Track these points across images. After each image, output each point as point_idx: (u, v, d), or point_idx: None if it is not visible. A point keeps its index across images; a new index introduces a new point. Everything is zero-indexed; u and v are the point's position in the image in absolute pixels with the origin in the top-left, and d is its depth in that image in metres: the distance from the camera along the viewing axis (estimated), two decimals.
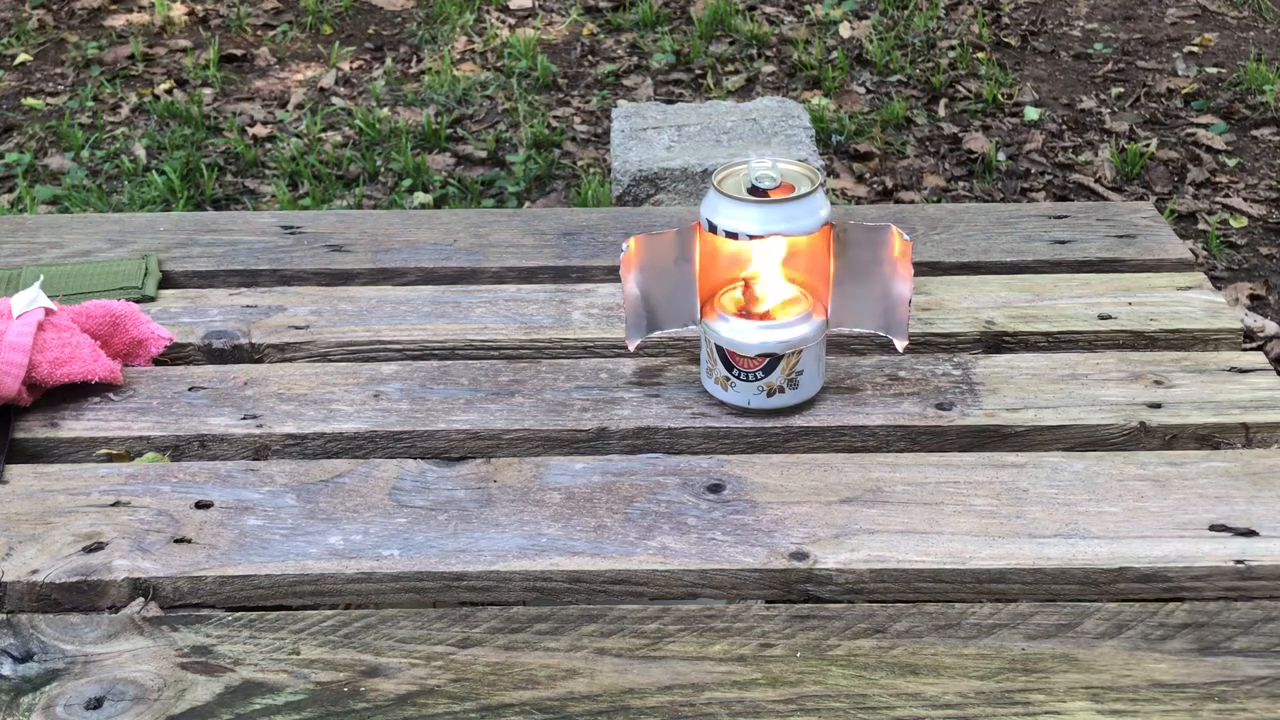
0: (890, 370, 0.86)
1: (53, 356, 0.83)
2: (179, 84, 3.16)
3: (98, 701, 0.61)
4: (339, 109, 3.00)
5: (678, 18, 3.44)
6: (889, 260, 0.80)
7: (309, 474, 0.77)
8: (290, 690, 0.62)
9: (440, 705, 0.61)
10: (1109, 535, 0.71)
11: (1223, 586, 0.68)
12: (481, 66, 3.19)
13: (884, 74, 3.12)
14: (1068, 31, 3.31)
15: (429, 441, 0.81)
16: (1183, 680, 0.62)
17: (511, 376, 0.87)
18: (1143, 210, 1.09)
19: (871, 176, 2.68)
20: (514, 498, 0.75)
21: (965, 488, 0.75)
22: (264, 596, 0.69)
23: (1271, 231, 2.47)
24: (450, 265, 1.02)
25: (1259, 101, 2.94)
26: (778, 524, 0.72)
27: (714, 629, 0.65)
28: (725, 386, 0.81)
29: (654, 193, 2.30)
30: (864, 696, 0.61)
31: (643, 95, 3.03)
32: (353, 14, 3.51)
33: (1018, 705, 0.60)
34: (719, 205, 0.79)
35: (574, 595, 0.69)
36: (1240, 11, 3.42)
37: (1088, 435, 0.81)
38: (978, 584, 0.69)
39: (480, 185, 2.65)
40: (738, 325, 0.81)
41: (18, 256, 1.03)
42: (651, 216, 1.15)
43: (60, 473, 0.77)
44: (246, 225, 1.09)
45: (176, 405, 0.84)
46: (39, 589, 0.68)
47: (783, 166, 0.81)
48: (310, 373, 0.87)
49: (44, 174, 2.75)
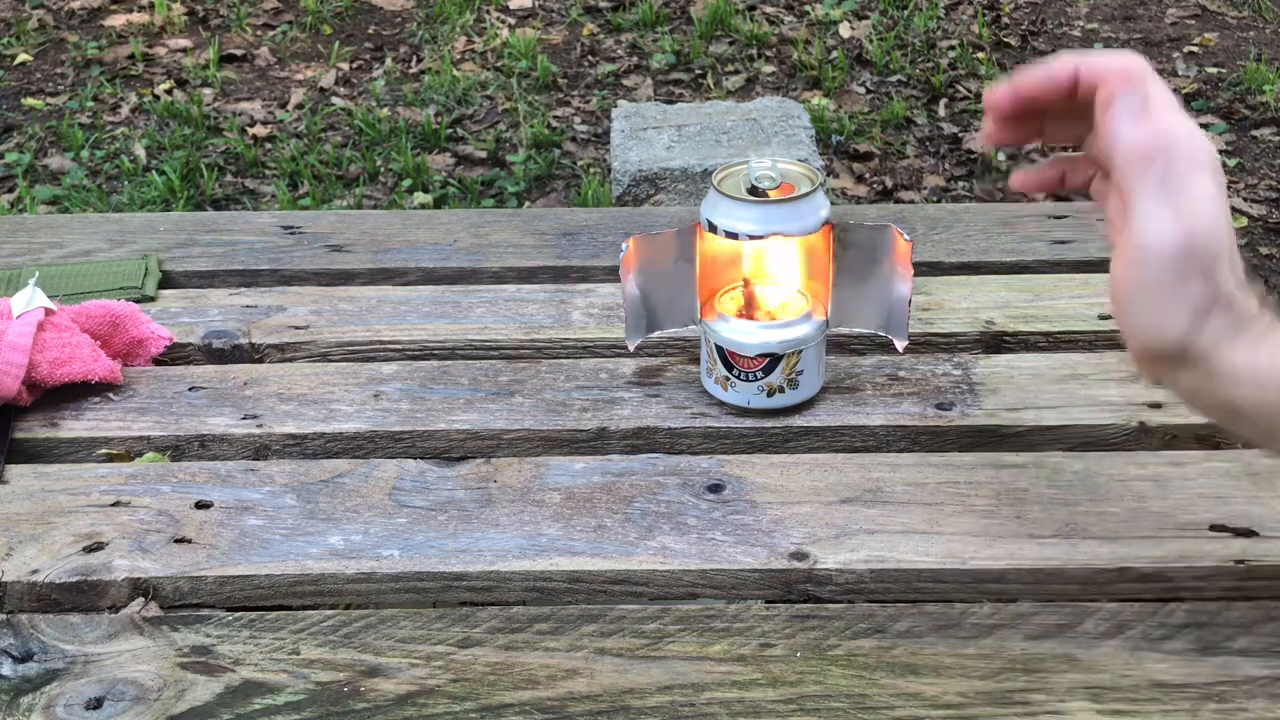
0: (890, 370, 0.86)
1: (53, 356, 0.83)
2: (179, 84, 3.16)
3: (98, 701, 0.61)
4: (339, 109, 3.00)
5: (678, 18, 3.44)
6: (889, 260, 0.80)
7: (309, 474, 0.77)
8: (290, 690, 0.62)
9: (440, 705, 0.61)
10: (1109, 535, 0.71)
11: (1223, 586, 0.68)
12: (481, 66, 3.19)
13: (884, 74, 3.12)
14: (1068, 31, 3.30)
15: (429, 441, 0.81)
16: (1183, 680, 0.62)
17: (511, 376, 0.87)
18: None
19: (871, 176, 2.68)
20: (514, 498, 0.75)
21: (965, 488, 0.75)
22: (264, 596, 0.69)
23: (1271, 231, 2.46)
24: (450, 265, 1.02)
25: (1259, 101, 2.94)
26: (778, 524, 0.72)
27: (714, 629, 0.65)
28: (725, 386, 0.81)
29: (654, 193, 2.30)
30: (864, 696, 0.61)
31: (643, 95, 3.03)
32: (353, 14, 3.51)
33: (1018, 705, 0.60)
34: (719, 205, 0.79)
35: (574, 595, 0.69)
36: (1240, 11, 3.42)
37: (1088, 435, 0.81)
38: (978, 584, 0.69)
39: (480, 185, 2.65)
40: (738, 325, 0.81)
41: (18, 256, 1.03)
42: (651, 216, 1.15)
43: (60, 473, 0.77)
44: (246, 225, 1.09)
45: (176, 405, 0.84)
46: (39, 589, 0.68)
47: (783, 167, 0.81)
48: (310, 373, 0.87)
49: (44, 174, 2.75)
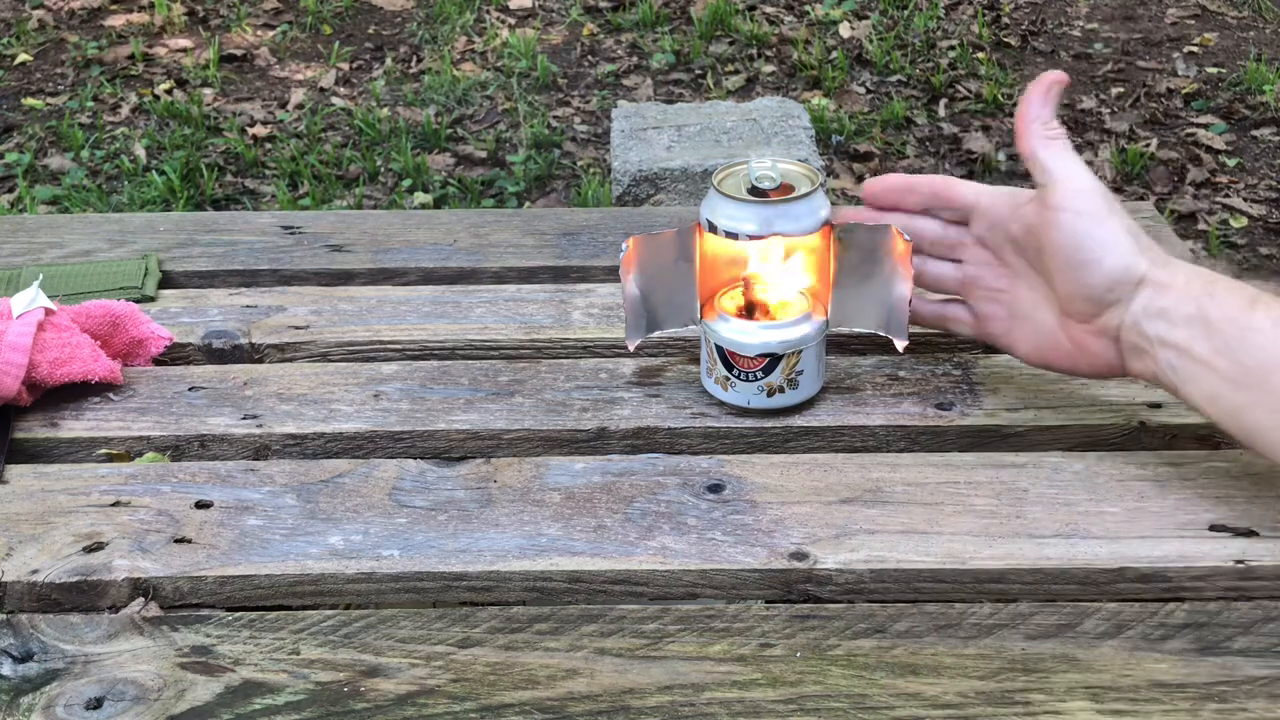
0: (890, 370, 0.86)
1: (53, 356, 0.83)
2: (179, 84, 3.16)
3: (98, 701, 0.61)
4: (339, 109, 3.00)
5: (678, 18, 3.44)
6: (889, 260, 0.80)
7: (309, 474, 0.77)
8: (290, 690, 0.62)
9: (440, 705, 0.61)
10: (1109, 535, 0.71)
11: (1223, 586, 0.68)
12: (481, 66, 3.19)
13: (884, 74, 3.12)
14: (1068, 31, 3.30)
15: (429, 441, 0.81)
16: (1183, 680, 0.62)
17: (511, 376, 0.87)
18: (1143, 210, 1.09)
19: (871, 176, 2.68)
20: (514, 498, 0.75)
21: (965, 488, 0.75)
22: (264, 596, 0.69)
23: (1271, 231, 2.47)
24: (450, 265, 1.02)
25: (1259, 101, 2.94)
26: (778, 524, 0.72)
27: (714, 629, 0.65)
28: (725, 386, 0.81)
29: (654, 193, 2.30)
30: (864, 696, 0.61)
31: (643, 95, 3.03)
32: (353, 14, 3.51)
33: (1018, 705, 0.60)
34: (719, 205, 0.79)
35: (574, 595, 0.69)
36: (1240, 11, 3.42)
37: (1088, 435, 0.81)
38: (978, 584, 0.69)
39: (480, 185, 2.65)
40: (738, 325, 0.81)
41: (18, 256, 1.03)
42: (651, 216, 1.15)
43: (60, 473, 0.77)
44: (246, 225, 1.09)
45: (176, 405, 0.84)
46: (39, 589, 0.68)
47: (782, 167, 0.81)
48: (310, 373, 0.88)
49: (44, 174, 2.75)
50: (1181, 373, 0.70)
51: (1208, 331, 0.68)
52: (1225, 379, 0.68)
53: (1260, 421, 0.67)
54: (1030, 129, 0.75)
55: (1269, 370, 0.66)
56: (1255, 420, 0.67)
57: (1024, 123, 0.76)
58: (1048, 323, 0.77)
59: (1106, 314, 0.73)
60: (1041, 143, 0.75)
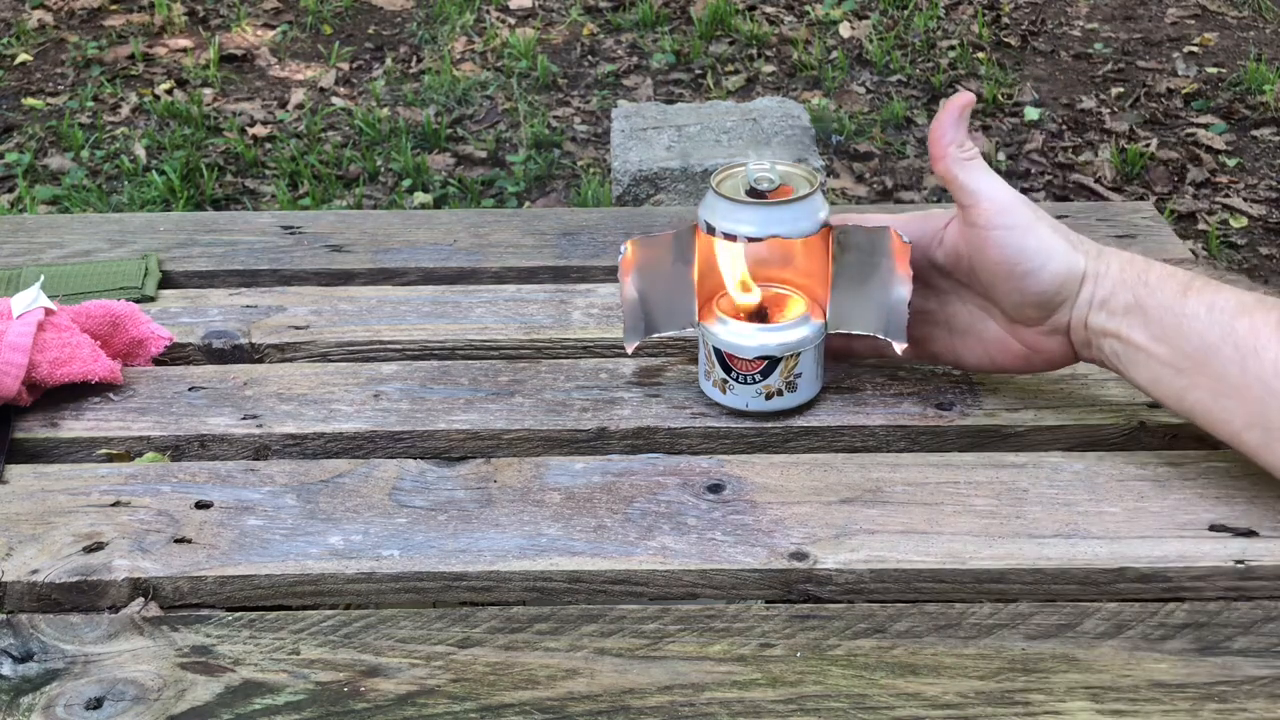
0: (890, 370, 0.86)
1: (53, 356, 0.83)
2: (179, 84, 3.16)
3: (98, 701, 0.61)
4: (339, 109, 3.00)
5: (678, 18, 3.44)
6: (888, 262, 0.80)
7: (309, 474, 0.77)
8: (290, 690, 0.62)
9: (440, 705, 0.61)
10: (1109, 535, 0.71)
11: (1223, 586, 0.69)
12: (481, 66, 3.19)
13: (884, 74, 3.12)
14: (1068, 31, 3.30)
15: (429, 441, 0.81)
16: (1183, 680, 0.62)
17: (511, 376, 0.87)
18: (1143, 210, 1.09)
19: (871, 176, 2.68)
20: (514, 498, 0.75)
21: (965, 488, 0.75)
22: (264, 596, 0.69)
23: (1271, 231, 2.47)
24: (450, 265, 1.02)
25: (1259, 101, 2.95)
26: (778, 524, 0.72)
27: (714, 629, 0.65)
28: (723, 389, 0.81)
29: (654, 193, 2.30)
30: (864, 696, 0.61)
31: (643, 95, 3.03)
32: (353, 14, 3.51)
33: (1018, 705, 0.60)
34: (717, 207, 0.78)
35: (574, 595, 0.69)
36: (1240, 11, 3.42)
37: (1088, 435, 0.81)
38: (978, 584, 0.69)
39: (480, 185, 2.65)
40: (736, 328, 0.81)
41: (18, 256, 1.03)
42: (651, 216, 1.15)
43: (60, 473, 0.77)
44: (246, 225, 1.09)
45: (176, 405, 0.84)
46: (39, 589, 0.68)
47: (781, 168, 0.81)
48: (310, 373, 0.88)
49: (44, 174, 2.75)
50: (1125, 359, 0.74)
51: (1145, 320, 0.72)
52: (1165, 364, 0.72)
53: (1201, 400, 0.71)
54: (946, 152, 0.76)
55: (1206, 354, 0.70)
56: (1196, 400, 0.71)
57: (939, 147, 0.77)
58: (993, 331, 0.79)
59: (1057, 314, 0.76)
60: (959, 165, 0.76)
